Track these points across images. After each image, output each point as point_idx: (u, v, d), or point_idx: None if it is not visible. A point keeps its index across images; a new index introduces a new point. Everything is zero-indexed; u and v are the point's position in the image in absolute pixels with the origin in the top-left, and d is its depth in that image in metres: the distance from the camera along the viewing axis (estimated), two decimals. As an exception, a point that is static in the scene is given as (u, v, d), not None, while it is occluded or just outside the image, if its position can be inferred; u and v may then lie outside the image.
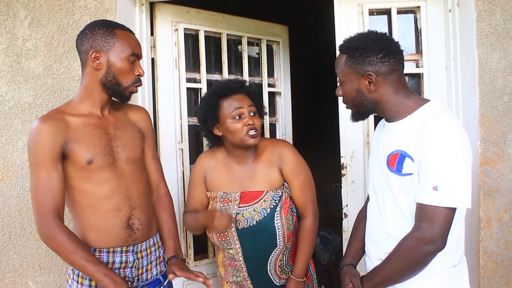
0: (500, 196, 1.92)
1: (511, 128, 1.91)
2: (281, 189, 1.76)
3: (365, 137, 2.25)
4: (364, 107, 1.40)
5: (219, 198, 1.79)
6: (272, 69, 2.83)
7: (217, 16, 2.52)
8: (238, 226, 1.71)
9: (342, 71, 1.40)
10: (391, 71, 1.34)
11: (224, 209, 1.75)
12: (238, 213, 1.71)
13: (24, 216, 2.03)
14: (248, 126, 1.68)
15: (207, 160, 1.88)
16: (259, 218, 1.69)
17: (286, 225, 1.72)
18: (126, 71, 1.47)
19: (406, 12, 2.20)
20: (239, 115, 1.69)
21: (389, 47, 1.35)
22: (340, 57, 1.41)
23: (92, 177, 1.45)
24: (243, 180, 1.78)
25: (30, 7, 2.03)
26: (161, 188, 1.72)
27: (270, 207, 1.71)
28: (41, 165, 1.38)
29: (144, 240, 1.56)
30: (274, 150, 1.79)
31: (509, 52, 1.89)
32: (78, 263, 1.37)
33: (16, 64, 2.03)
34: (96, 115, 1.51)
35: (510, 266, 1.93)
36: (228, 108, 1.70)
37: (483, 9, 1.90)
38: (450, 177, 1.22)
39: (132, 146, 1.56)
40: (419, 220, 1.26)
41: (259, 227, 1.70)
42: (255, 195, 1.74)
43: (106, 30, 1.46)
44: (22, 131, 2.02)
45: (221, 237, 1.75)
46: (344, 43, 1.42)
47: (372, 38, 1.37)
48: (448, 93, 2.11)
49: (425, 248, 1.24)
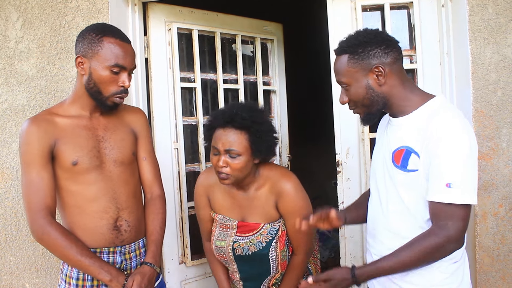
0: (495, 190, 1.92)
1: (505, 122, 1.90)
2: (279, 222, 1.70)
3: (360, 134, 2.24)
4: (375, 104, 1.35)
5: (219, 221, 1.75)
6: (267, 67, 2.83)
7: (211, 15, 2.51)
8: (235, 252, 1.70)
9: (345, 72, 1.34)
10: (395, 60, 1.33)
11: (223, 234, 1.73)
12: (235, 242, 1.70)
13: (20, 218, 2.03)
14: (217, 167, 1.59)
15: (206, 179, 1.80)
16: (255, 250, 1.67)
17: (281, 257, 1.71)
18: (107, 81, 1.42)
19: (399, 8, 2.20)
20: (217, 152, 1.60)
21: (388, 39, 1.35)
22: (340, 59, 1.36)
23: (79, 178, 1.45)
24: (243, 207, 1.72)
25: (22, 8, 2.02)
26: (154, 190, 1.67)
27: (266, 241, 1.67)
28: (31, 165, 1.40)
29: (132, 242, 1.55)
30: (275, 184, 1.67)
31: (502, 46, 1.89)
32: (73, 258, 1.37)
33: (9, 66, 2.03)
34: (85, 117, 1.51)
35: (506, 260, 1.93)
36: (213, 139, 1.62)
37: (475, 4, 1.89)
38: (462, 173, 1.21)
39: (121, 148, 1.55)
40: (441, 219, 1.23)
41: (254, 257, 1.69)
42: (252, 227, 1.69)
43: (95, 36, 1.43)
44: (16, 133, 2.01)
45: (220, 257, 1.75)
46: (342, 43, 1.37)
47: (370, 32, 1.36)
48: (442, 88, 2.11)
49: (451, 247, 1.22)
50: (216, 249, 1.75)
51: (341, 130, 2.26)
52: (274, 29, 2.85)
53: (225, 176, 1.59)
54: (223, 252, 1.73)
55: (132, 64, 1.48)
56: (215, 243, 1.75)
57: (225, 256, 1.73)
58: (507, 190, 1.91)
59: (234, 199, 1.73)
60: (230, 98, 2.66)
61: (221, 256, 1.75)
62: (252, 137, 1.58)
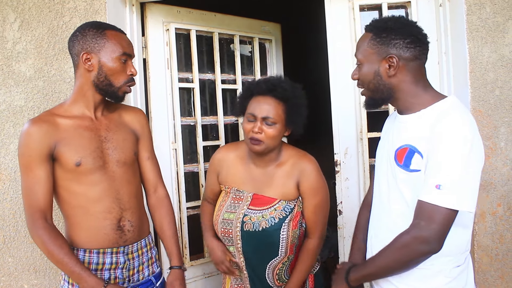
0: (493, 190, 1.92)
1: (503, 121, 1.90)
2: (295, 201, 1.70)
3: (359, 133, 2.24)
4: (379, 92, 1.33)
5: (231, 194, 1.75)
6: (265, 67, 2.83)
7: (209, 15, 2.51)
8: (243, 227, 1.67)
9: (363, 50, 1.33)
10: (414, 58, 1.29)
11: (233, 206, 1.72)
12: (246, 215, 1.68)
13: (18, 219, 2.03)
14: (252, 132, 1.62)
15: (226, 153, 1.82)
16: (266, 225, 1.65)
17: (291, 238, 1.68)
18: (118, 71, 1.46)
19: (397, 7, 2.20)
20: (253, 119, 1.63)
21: (418, 35, 1.31)
22: (365, 36, 1.35)
23: (82, 179, 1.45)
24: (259, 182, 1.73)
25: (19, 9, 2.02)
26: (159, 190, 1.69)
27: (279, 217, 1.66)
28: (29, 167, 1.40)
29: (135, 242, 1.55)
30: (297, 163, 1.71)
31: (500, 45, 1.89)
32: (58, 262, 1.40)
33: (7, 67, 2.02)
34: (88, 117, 1.51)
35: (505, 259, 1.93)
36: (249, 107, 1.65)
37: (473, 3, 1.89)
38: (455, 177, 1.17)
39: (124, 148, 1.55)
40: (417, 218, 1.21)
41: (263, 234, 1.66)
42: (266, 201, 1.69)
43: (96, 31, 1.46)
44: (14, 134, 2.01)
45: (225, 232, 1.72)
46: (372, 22, 1.36)
47: (402, 21, 1.33)
48: (440, 88, 2.10)
49: (420, 248, 1.20)
50: (222, 222, 1.71)
51: (340, 130, 2.26)
52: (272, 29, 2.85)
53: (258, 142, 1.62)
54: (230, 225, 1.69)
55: (133, 52, 1.55)
56: (222, 215, 1.72)
57: (231, 231, 1.70)
58: (505, 189, 1.91)
59: (251, 174, 1.74)
60: (229, 98, 2.66)
61: (226, 232, 1.71)
62: (288, 109, 1.64)
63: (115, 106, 1.61)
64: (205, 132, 2.54)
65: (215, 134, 2.59)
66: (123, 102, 1.57)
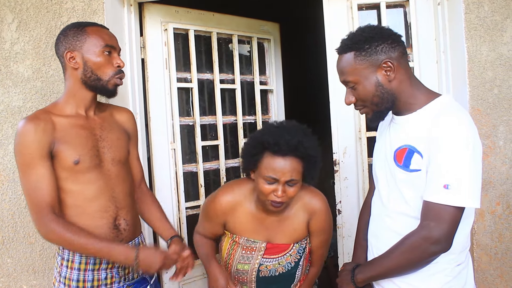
0: (492, 188, 1.92)
1: (502, 120, 1.90)
2: (306, 239, 1.72)
3: (357, 133, 2.24)
4: (385, 101, 1.31)
5: (242, 244, 1.69)
6: (263, 66, 2.83)
7: (207, 15, 2.51)
8: (259, 274, 1.68)
9: (352, 70, 1.30)
10: (402, 55, 1.30)
11: (246, 257, 1.69)
12: (262, 264, 1.67)
13: (17, 220, 2.03)
14: (276, 196, 1.52)
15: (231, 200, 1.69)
16: (283, 270, 1.67)
17: (304, 272, 1.75)
18: (103, 64, 1.46)
19: (395, 6, 2.20)
20: (273, 181, 1.51)
21: (393, 34, 1.32)
22: (345, 57, 1.31)
23: (79, 177, 1.45)
24: (270, 229, 1.68)
25: (17, 10, 2.02)
26: (143, 186, 1.74)
27: (295, 261, 1.68)
28: (30, 164, 1.38)
29: (130, 240, 1.56)
30: (308, 203, 1.68)
31: (498, 44, 1.89)
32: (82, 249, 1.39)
33: (5, 68, 2.02)
34: (82, 116, 1.51)
35: (504, 258, 1.93)
36: (266, 167, 1.51)
37: (471, 2, 1.89)
38: (462, 176, 1.18)
39: (118, 147, 1.56)
40: (426, 219, 1.21)
41: (279, 277, 1.68)
42: (281, 249, 1.67)
43: (76, 29, 1.47)
44: (12, 135, 2.01)
45: (239, 278, 1.72)
46: (346, 41, 1.32)
47: (374, 28, 1.32)
48: (439, 87, 2.10)
49: (431, 248, 1.21)
50: (236, 272, 1.71)
51: (338, 129, 2.26)
52: (270, 29, 2.85)
53: (281, 204, 1.55)
54: (245, 274, 1.70)
55: (118, 45, 1.53)
56: (235, 266, 1.70)
57: (245, 278, 1.70)
58: (504, 188, 1.91)
59: (260, 221, 1.68)
60: (227, 98, 2.66)
61: (239, 278, 1.72)
62: (307, 165, 1.55)
63: (105, 106, 1.63)
64: (204, 132, 2.54)
65: (213, 134, 2.58)
66: (120, 101, 1.57)
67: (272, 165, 1.50)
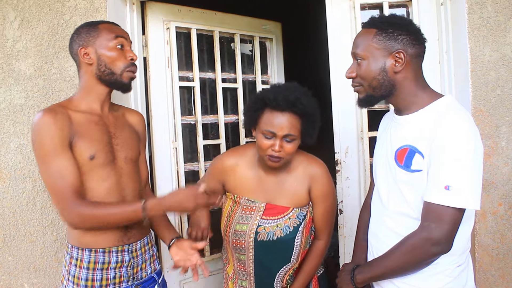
0: (494, 189, 1.92)
1: (504, 121, 1.90)
2: (307, 207, 1.70)
3: (359, 132, 2.24)
4: (382, 89, 1.31)
5: (242, 204, 1.70)
6: (265, 66, 2.83)
7: (209, 13, 2.51)
8: (257, 237, 1.66)
9: (366, 46, 1.29)
10: (417, 55, 1.30)
11: (245, 217, 1.69)
12: (260, 225, 1.66)
13: (18, 218, 2.03)
14: (273, 150, 1.55)
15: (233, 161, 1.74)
16: (281, 234, 1.65)
17: (305, 244, 1.70)
18: (117, 58, 1.48)
19: (398, 6, 2.19)
20: (271, 136, 1.55)
21: (420, 33, 1.32)
22: (367, 32, 1.31)
23: (92, 174, 1.44)
24: (270, 191, 1.69)
25: (19, 8, 2.01)
26: (147, 189, 1.75)
27: (294, 226, 1.66)
28: (52, 155, 1.36)
29: (138, 239, 1.56)
30: (307, 168, 1.69)
31: (501, 44, 1.88)
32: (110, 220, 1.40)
33: (7, 66, 2.02)
34: (97, 112, 1.51)
35: (506, 259, 1.93)
36: (265, 122, 1.56)
37: (474, 2, 1.89)
38: (463, 177, 1.18)
39: (130, 145, 1.57)
40: (427, 220, 1.21)
41: (278, 243, 1.66)
42: (280, 210, 1.67)
43: (89, 27, 1.50)
44: (14, 133, 2.01)
45: (236, 243, 1.71)
46: (374, 18, 1.33)
47: (405, 19, 1.33)
48: (441, 87, 2.10)
49: (431, 249, 1.20)
50: (234, 233, 1.69)
51: (340, 129, 2.26)
52: (273, 28, 2.85)
53: (278, 159, 1.57)
54: (243, 237, 1.68)
55: (129, 38, 1.56)
56: (234, 227, 1.70)
57: (243, 242, 1.69)
58: (506, 189, 1.91)
59: (261, 183, 1.70)
60: (229, 97, 2.65)
61: (237, 243, 1.70)
62: (305, 123, 1.58)
63: (118, 107, 1.64)
64: (206, 131, 2.54)
65: (215, 133, 2.58)
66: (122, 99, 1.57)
67: (270, 120, 1.55)
